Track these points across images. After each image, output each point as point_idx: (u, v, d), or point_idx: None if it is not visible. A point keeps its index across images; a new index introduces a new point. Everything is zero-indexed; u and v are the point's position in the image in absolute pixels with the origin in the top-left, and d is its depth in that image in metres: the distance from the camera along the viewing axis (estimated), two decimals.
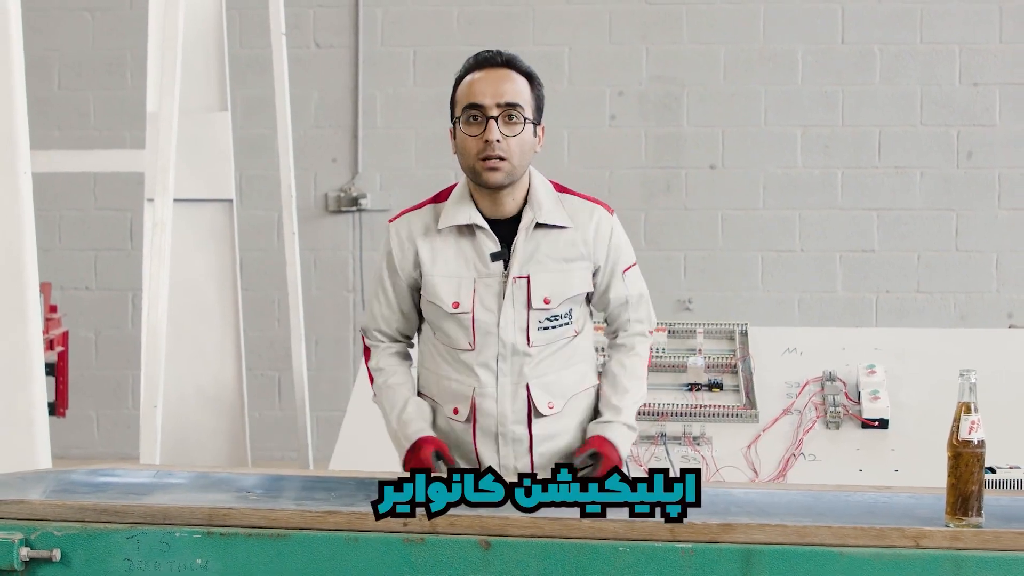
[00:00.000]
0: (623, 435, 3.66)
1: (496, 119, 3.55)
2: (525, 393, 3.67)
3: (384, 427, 3.79)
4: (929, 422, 4.97)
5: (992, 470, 4.05)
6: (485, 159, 3.55)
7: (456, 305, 3.65)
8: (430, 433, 3.67)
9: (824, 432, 4.96)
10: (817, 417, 5.00)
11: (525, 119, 3.58)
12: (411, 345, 3.89)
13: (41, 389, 4.41)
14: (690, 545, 2.82)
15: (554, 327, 3.69)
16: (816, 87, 8.62)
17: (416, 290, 3.74)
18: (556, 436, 3.70)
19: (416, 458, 3.60)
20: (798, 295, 8.59)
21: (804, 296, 8.59)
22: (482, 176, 3.57)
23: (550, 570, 2.82)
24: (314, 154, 8.69)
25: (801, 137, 8.63)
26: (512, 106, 3.57)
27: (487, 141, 3.54)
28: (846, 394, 5.06)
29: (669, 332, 5.40)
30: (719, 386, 5.14)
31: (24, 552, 2.89)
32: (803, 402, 5.06)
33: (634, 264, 3.80)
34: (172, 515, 2.91)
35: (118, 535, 2.89)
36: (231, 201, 6.11)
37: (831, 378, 5.13)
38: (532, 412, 3.68)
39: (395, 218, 3.78)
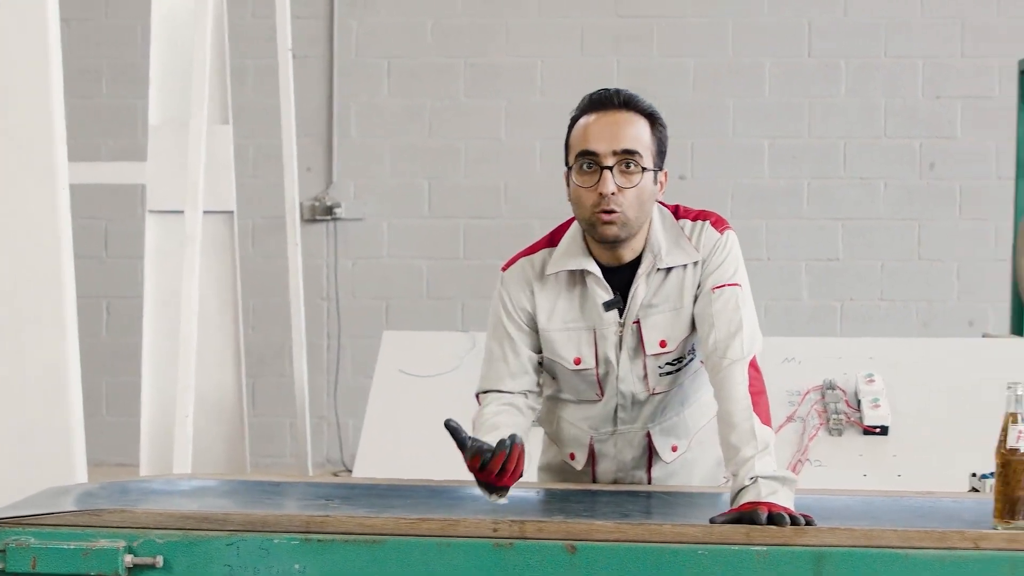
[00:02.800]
0: (768, 490, 3.10)
1: (612, 169, 3.33)
2: (646, 440, 3.55)
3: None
4: (926, 429, 5.21)
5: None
6: (601, 212, 3.32)
7: (578, 361, 3.47)
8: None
9: (827, 439, 5.16)
10: (820, 424, 5.20)
11: (644, 168, 3.34)
12: (538, 394, 3.57)
13: (78, 402, 4.49)
14: (764, 548, 2.98)
15: (677, 370, 3.49)
16: (783, 99, 8.85)
17: (537, 332, 3.50)
18: (676, 474, 3.60)
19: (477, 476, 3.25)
20: (764, 302, 8.79)
21: (771, 304, 8.80)
22: (598, 230, 3.35)
23: (633, 572, 2.97)
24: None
25: (768, 148, 8.85)
26: (630, 153, 3.34)
27: (602, 194, 3.32)
28: (846, 402, 5.27)
29: None
30: None
31: (128, 559, 3.02)
32: (806, 410, 5.26)
33: (734, 285, 3.41)
34: (271, 522, 3.05)
35: (218, 542, 3.02)
36: (232, 212, 6.21)
37: (831, 386, 5.33)
38: (653, 457, 3.57)
39: (509, 264, 3.57)
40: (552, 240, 3.54)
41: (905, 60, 8.82)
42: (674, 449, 3.59)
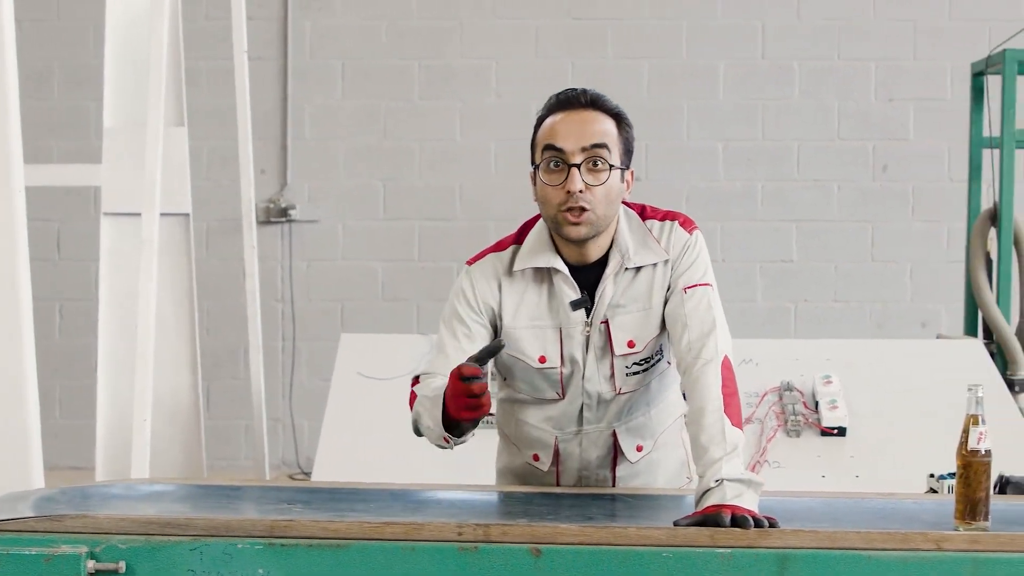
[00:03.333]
0: (733, 493, 3.10)
1: (579, 167, 3.32)
2: (611, 439, 3.55)
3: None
4: (882, 429, 5.24)
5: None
6: (568, 210, 3.32)
7: (543, 359, 3.47)
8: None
9: (786, 440, 5.19)
10: (778, 426, 5.23)
11: (611, 165, 3.34)
12: None
13: (35, 406, 4.45)
14: (728, 551, 2.98)
15: (645, 370, 3.49)
16: (737, 101, 8.89)
17: (496, 329, 3.51)
18: (640, 475, 3.60)
19: (452, 389, 3.21)
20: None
21: (726, 305, 8.53)
22: (564, 229, 3.34)
23: (598, 575, 2.99)
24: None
25: (723, 150, 8.89)
26: (599, 147, 3.34)
27: (569, 192, 3.31)
28: (804, 403, 5.29)
29: None
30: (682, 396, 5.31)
31: (91, 565, 2.99)
32: (764, 411, 5.29)
33: (706, 285, 3.42)
34: (234, 527, 3.03)
35: (181, 547, 3.01)
36: (188, 215, 6.18)
37: (789, 388, 5.35)
38: (618, 456, 3.56)
39: (475, 259, 3.55)
40: (519, 237, 3.53)
41: (858, 63, 8.87)
42: (639, 449, 3.58)
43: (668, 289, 3.43)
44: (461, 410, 3.19)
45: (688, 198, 8.84)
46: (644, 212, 3.51)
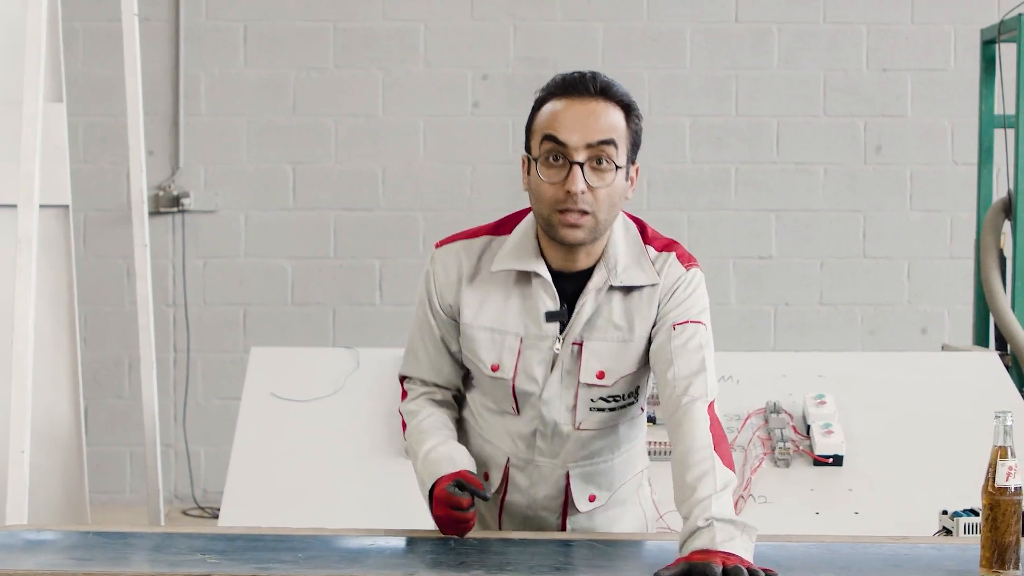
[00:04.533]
0: (724, 536, 3.13)
1: (583, 165, 3.38)
2: (564, 481, 3.61)
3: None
4: (885, 458, 5.26)
5: (974, 512, 4.30)
6: (564, 211, 3.39)
7: (496, 368, 3.55)
8: (463, 467, 3.53)
9: (773, 471, 5.20)
10: (764, 454, 5.24)
11: (617, 165, 3.40)
12: (460, 395, 3.77)
13: None
14: None
15: (612, 409, 3.57)
16: (706, 72, 8.92)
17: (458, 328, 3.63)
18: (591, 529, 3.66)
19: (436, 503, 3.49)
20: None
21: None
22: (559, 232, 3.42)
23: None
24: (127, 146, 8.70)
25: (689, 128, 8.92)
26: (606, 144, 3.39)
27: (569, 192, 3.38)
28: (794, 428, 5.31)
29: None
30: (651, 420, 5.27)
31: None
32: (746, 437, 5.30)
33: (698, 323, 3.50)
34: None
35: None
36: (67, 207, 6.14)
37: (775, 410, 5.36)
38: (568, 505, 3.63)
39: (444, 243, 3.65)
40: (499, 228, 3.62)
41: (847, 26, 8.93)
42: (592, 499, 3.65)
43: (655, 325, 3.52)
44: (446, 525, 3.49)
45: (649, 183, 8.87)
46: (645, 232, 3.60)
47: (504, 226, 3.61)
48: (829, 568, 3.27)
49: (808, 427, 5.29)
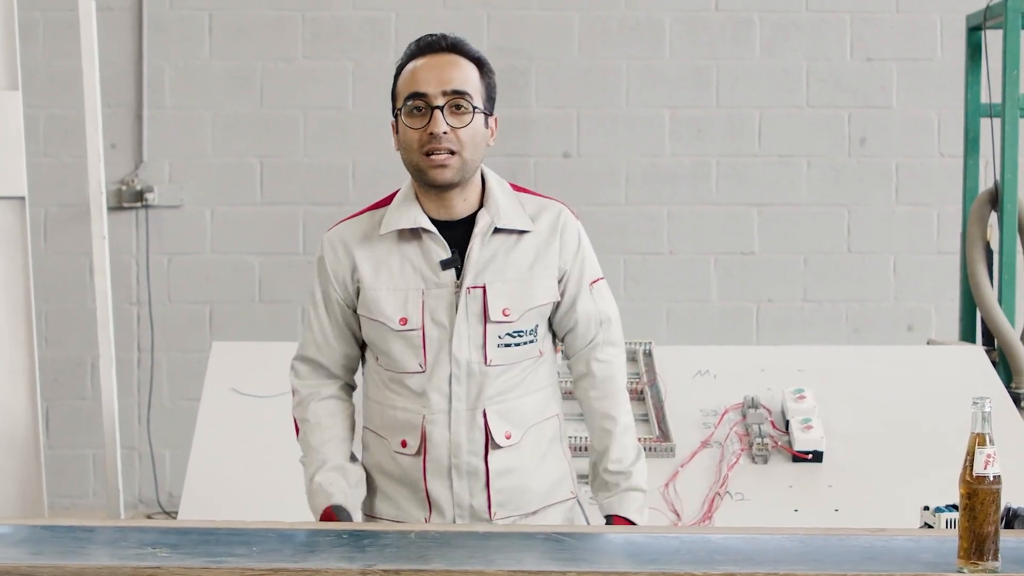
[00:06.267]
0: (639, 505, 3.98)
1: (442, 109, 3.78)
2: (482, 420, 3.87)
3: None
4: (865, 454, 5.27)
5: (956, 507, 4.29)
6: (430, 154, 3.77)
7: (404, 321, 3.86)
8: (336, 502, 3.92)
9: (751, 467, 5.21)
10: (742, 450, 5.25)
11: (475, 108, 3.80)
12: (352, 384, 4.10)
13: None
14: None
15: (516, 344, 3.90)
16: (686, 62, 8.92)
17: (355, 310, 3.95)
18: (514, 471, 3.90)
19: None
20: (667, 305, 8.86)
21: (673, 306, 8.86)
22: (428, 174, 3.80)
23: None
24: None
25: (669, 120, 8.92)
26: (460, 94, 3.80)
27: (432, 134, 3.76)
28: (772, 423, 5.32)
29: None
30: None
31: None
32: (724, 432, 5.31)
33: (602, 278, 4.04)
34: None
35: None
36: (23, 199, 6.12)
37: (753, 404, 5.37)
38: (489, 442, 3.87)
39: (330, 229, 4.00)
40: (379, 204, 3.98)
41: (830, 15, 8.93)
42: (508, 437, 3.89)
43: (561, 274, 3.95)
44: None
45: (628, 178, 8.87)
46: (515, 187, 3.98)
47: (383, 202, 3.97)
48: (802, 561, 3.26)
49: (787, 422, 5.31)
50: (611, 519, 3.94)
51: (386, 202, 3.96)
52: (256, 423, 5.41)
